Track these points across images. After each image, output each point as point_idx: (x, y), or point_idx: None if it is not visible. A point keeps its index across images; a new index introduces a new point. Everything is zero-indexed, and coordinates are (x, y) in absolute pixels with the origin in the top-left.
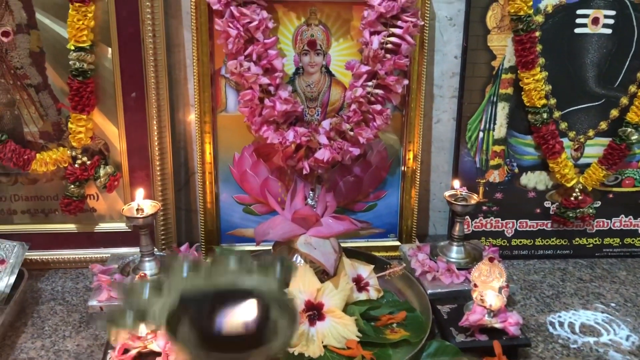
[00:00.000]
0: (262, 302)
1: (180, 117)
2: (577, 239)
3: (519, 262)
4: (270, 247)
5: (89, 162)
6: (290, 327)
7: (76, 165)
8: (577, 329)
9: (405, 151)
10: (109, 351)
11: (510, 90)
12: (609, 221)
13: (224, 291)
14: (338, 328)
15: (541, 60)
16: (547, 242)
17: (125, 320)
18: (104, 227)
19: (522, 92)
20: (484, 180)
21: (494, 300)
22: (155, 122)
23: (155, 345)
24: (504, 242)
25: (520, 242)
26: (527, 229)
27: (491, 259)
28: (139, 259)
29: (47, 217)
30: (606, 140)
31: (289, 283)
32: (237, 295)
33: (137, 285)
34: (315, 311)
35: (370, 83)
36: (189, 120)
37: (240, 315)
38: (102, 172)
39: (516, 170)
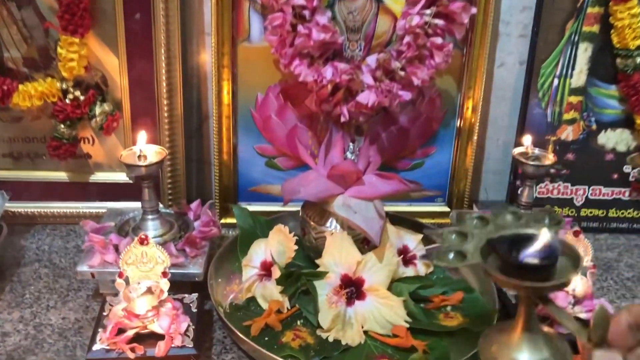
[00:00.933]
0: (552, 242)
1: (193, 47)
2: None
3: (588, 236)
4: (299, 209)
5: (82, 98)
6: (574, 267)
7: (67, 101)
8: None
9: (463, 99)
10: (99, 330)
11: (595, 28)
12: None
13: (518, 235)
14: (382, 310)
15: None
16: (622, 213)
17: (448, 258)
18: (100, 177)
19: (612, 30)
20: (555, 138)
21: (579, 284)
22: (163, 52)
23: (157, 326)
24: (571, 212)
25: (591, 212)
26: (601, 197)
27: (576, 233)
28: (140, 217)
29: (34, 163)
30: None
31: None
32: (528, 238)
33: (445, 233)
34: (354, 288)
35: (428, 11)
36: (204, 51)
37: (537, 250)
38: (98, 110)
39: (594, 126)
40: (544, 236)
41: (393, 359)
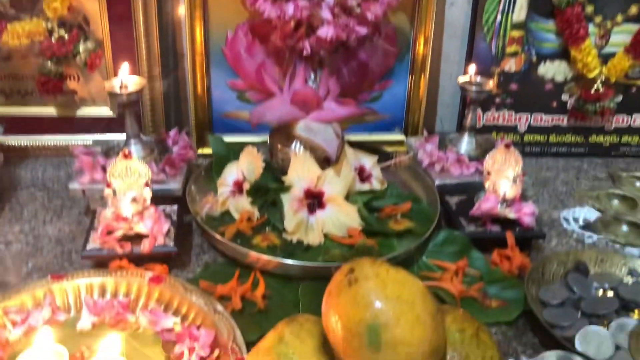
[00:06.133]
0: None
1: None
2: (594, 135)
3: (531, 160)
4: (267, 137)
5: (67, 37)
6: None
7: (53, 40)
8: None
9: (416, 35)
10: (91, 232)
11: None
12: (629, 117)
13: None
14: (339, 216)
15: None
16: (561, 138)
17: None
18: (86, 112)
19: None
20: (499, 69)
21: (509, 189)
22: None
23: (142, 227)
24: (516, 138)
25: (534, 138)
26: (542, 124)
27: (507, 145)
28: (124, 143)
29: (24, 99)
30: (635, 27)
31: None
32: None
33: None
34: (315, 200)
35: None
36: None
37: None
38: (82, 47)
39: (534, 58)
40: None
41: (346, 255)
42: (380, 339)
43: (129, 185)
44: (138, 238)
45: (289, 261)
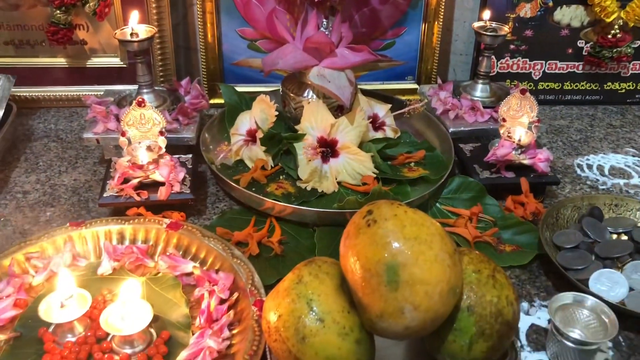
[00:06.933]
0: None
1: None
2: (609, 83)
3: (545, 108)
4: (280, 86)
5: None
6: None
7: None
8: (606, 171)
9: None
10: (108, 181)
11: None
12: None
13: None
14: (353, 164)
15: None
16: (576, 86)
17: None
18: (96, 62)
19: None
20: (514, 15)
21: (524, 135)
22: None
23: (158, 175)
24: (530, 86)
25: (548, 85)
26: (556, 71)
27: (523, 91)
28: (136, 92)
29: (34, 50)
30: None
31: None
32: None
33: None
34: (328, 148)
35: None
36: None
37: None
38: None
39: (550, 3)
40: None
41: (361, 201)
42: (398, 278)
43: (143, 133)
44: (154, 186)
45: (305, 207)
